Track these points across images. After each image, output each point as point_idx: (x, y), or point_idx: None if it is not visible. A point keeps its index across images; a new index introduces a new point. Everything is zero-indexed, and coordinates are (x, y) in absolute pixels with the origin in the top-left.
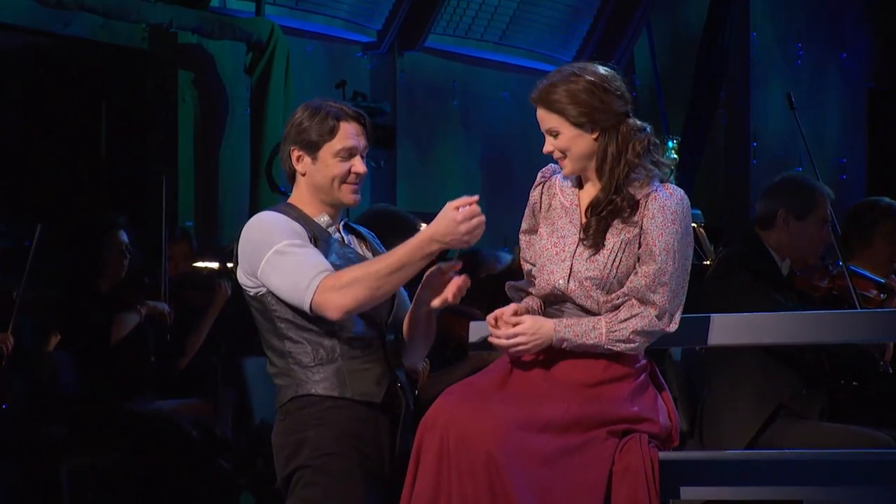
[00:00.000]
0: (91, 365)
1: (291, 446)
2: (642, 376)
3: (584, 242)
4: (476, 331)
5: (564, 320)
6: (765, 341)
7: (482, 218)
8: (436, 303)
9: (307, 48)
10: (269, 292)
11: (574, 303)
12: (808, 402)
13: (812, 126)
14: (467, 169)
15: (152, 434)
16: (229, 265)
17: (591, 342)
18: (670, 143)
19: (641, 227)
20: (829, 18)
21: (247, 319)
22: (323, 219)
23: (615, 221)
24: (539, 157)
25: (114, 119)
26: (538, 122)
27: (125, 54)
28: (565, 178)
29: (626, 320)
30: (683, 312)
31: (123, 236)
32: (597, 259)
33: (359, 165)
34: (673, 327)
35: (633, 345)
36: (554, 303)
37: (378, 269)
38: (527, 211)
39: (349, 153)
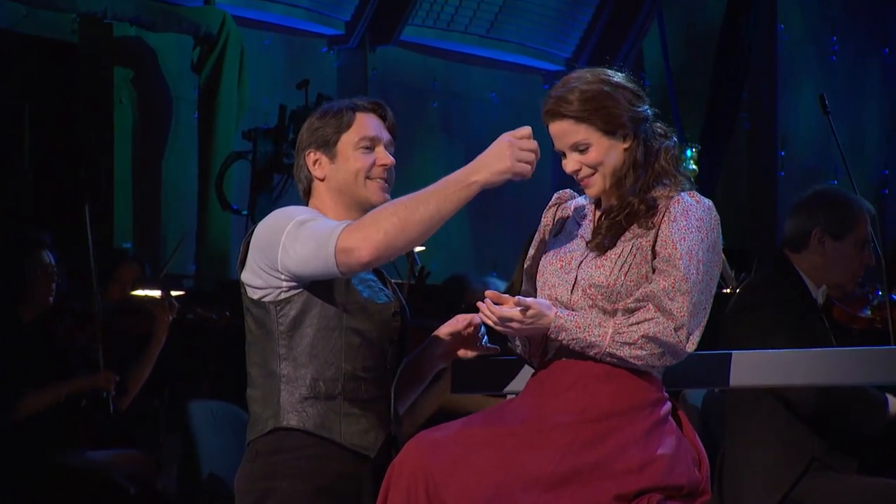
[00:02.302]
0: (11, 409)
1: (257, 493)
2: (661, 411)
3: (590, 245)
4: (459, 367)
5: (567, 311)
6: (795, 382)
7: (535, 144)
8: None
9: (264, 42)
10: (278, 301)
11: None
12: (844, 454)
13: (849, 132)
14: None
15: (83, 490)
16: (174, 293)
17: (593, 339)
18: (688, 153)
19: (658, 233)
20: (869, 8)
21: (194, 356)
22: None
23: (630, 227)
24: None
25: (39, 123)
26: (553, 141)
27: (52, 49)
28: (590, 199)
29: (637, 323)
30: (701, 349)
31: (49, 257)
32: (603, 264)
33: (384, 156)
34: (690, 347)
35: (640, 352)
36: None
37: (405, 199)
38: (536, 237)
39: (371, 142)
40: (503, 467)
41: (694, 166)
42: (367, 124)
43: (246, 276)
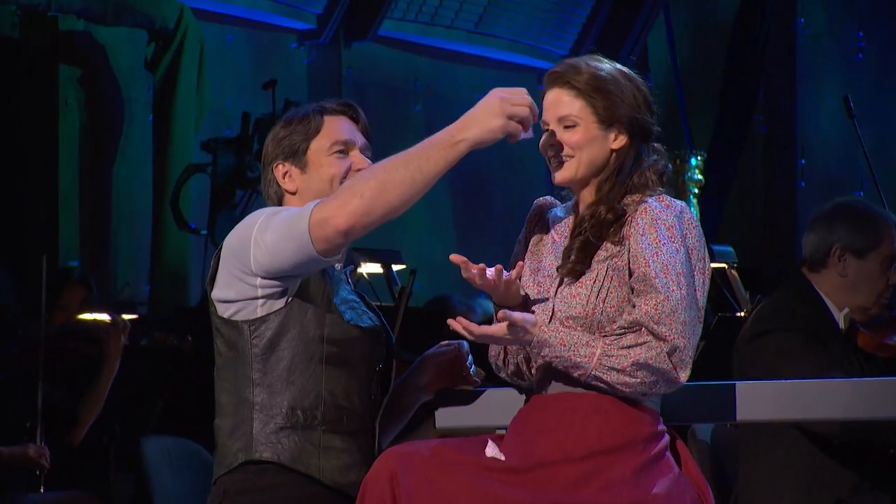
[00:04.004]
0: None
1: None
2: (657, 447)
3: (561, 270)
4: (443, 399)
5: (554, 325)
6: (816, 416)
7: (529, 99)
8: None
9: (227, 37)
10: (253, 319)
11: None
12: (872, 497)
13: (876, 138)
14: (434, 194)
15: None
16: (126, 317)
17: (578, 360)
18: (693, 161)
19: (630, 249)
20: None
21: (147, 386)
22: None
23: (603, 243)
24: (526, 180)
25: None
26: (543, 110)
27: None
28: (557, 208)
29: (629, 347)
30: (711, 378)
31: None
32: (579, 292)
33: (360, 160)
34: (684, 375)
35: (630, 379)
36: (535, 361)
37: (385, 161)
38: (516, 248)
39: (345, 146)
40: (474, 497)
41: (700, 176)
42: (337, 128)
43: (217, 293)
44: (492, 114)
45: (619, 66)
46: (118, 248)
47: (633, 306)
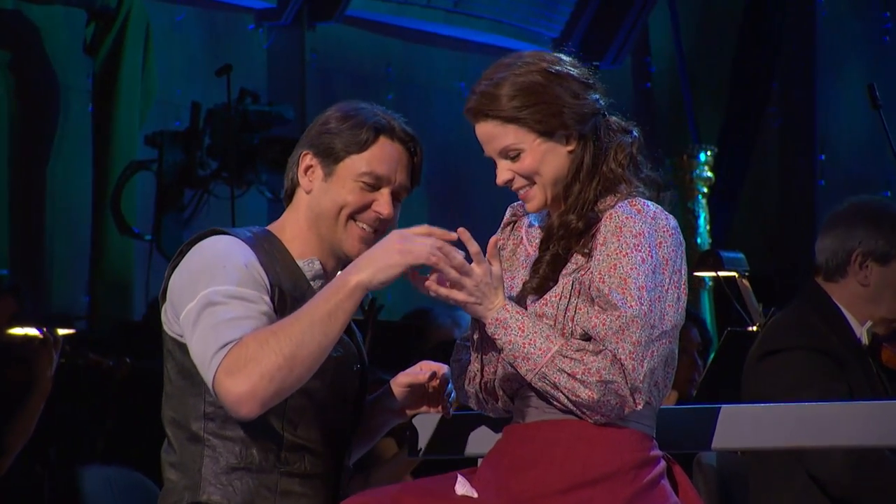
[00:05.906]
0: None
1: None
2: (650, 474)
3: (528, 286)
4: (418, 425)
5: (518, 308)
6: (835, 443)
7: (430, 236)
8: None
9: (176, 18)
10: None
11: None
12: None
13: None
14: (409, 196)
15: None
16: (61, 332)
17: (532, 351)
18: (702, 156)
19: (593, 261)
20: None
21: (87, 410)
22: (312, 265)
23: (572, 255)
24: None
25: None
26: (482, 146)
27: None
28: (532, 214)
29: (581, 351)
30: (720, 400)
31: None
32: (545, 311)
33: (385, 204)
34: (639, 400)
35: (580, 388)
36: (512, 384)
37: (284, 330)
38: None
39: (377, 181)
40: None
41: (709, 173)
42: (384, 156)
43: (165, 314)
44: (389, 251)
45: (537, 57)
46: (53, 254)
47: (591, 320)
